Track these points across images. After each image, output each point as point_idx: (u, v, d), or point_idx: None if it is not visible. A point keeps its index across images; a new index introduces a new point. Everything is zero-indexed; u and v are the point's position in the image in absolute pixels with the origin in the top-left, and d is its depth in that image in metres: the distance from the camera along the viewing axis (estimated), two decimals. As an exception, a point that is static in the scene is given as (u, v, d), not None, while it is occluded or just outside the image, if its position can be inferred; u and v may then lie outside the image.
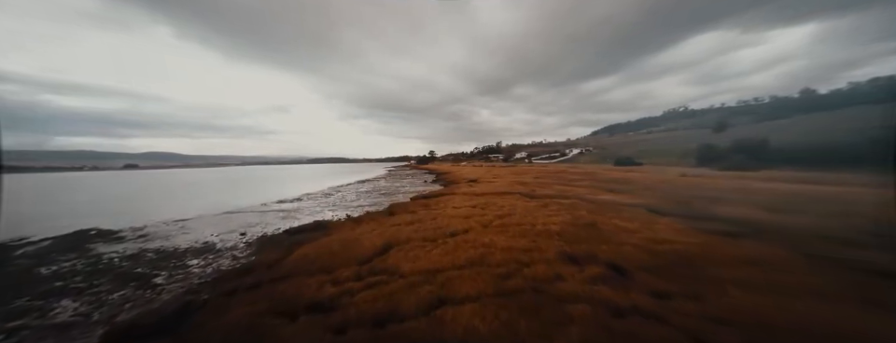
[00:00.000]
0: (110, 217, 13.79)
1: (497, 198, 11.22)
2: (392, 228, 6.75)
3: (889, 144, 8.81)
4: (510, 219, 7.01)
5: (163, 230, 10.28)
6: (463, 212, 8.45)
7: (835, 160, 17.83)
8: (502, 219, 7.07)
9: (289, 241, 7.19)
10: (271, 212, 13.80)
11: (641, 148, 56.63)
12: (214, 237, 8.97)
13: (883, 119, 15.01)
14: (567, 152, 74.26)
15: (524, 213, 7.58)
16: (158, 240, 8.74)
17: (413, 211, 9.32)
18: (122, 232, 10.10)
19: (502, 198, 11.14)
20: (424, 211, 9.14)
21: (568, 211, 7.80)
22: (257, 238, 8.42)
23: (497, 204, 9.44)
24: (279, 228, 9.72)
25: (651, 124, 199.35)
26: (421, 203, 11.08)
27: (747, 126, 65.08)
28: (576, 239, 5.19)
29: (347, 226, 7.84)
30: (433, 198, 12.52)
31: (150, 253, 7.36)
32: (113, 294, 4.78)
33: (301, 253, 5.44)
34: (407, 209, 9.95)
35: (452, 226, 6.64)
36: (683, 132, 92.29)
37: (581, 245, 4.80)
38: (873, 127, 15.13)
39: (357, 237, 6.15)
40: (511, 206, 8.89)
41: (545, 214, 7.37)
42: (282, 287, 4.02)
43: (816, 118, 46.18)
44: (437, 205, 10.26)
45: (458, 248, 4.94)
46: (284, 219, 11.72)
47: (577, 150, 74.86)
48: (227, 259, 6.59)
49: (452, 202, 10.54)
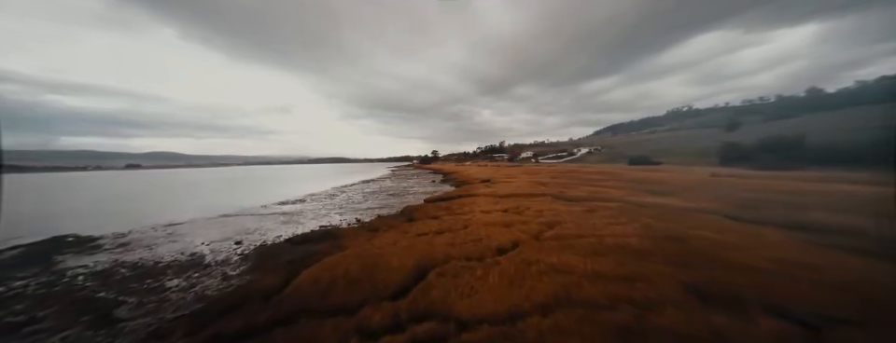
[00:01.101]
0: (99, 218, 12.61)
1: (525, 200, 9.90)
2: (419, 240, 5.44)
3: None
4: (563, 229, 5.69)
5: (149, 237, 9.02)
6: (497, 217, 7.14)
7: (868, 159, 16.37)
8: (553, 228, 5.75)
9: (292, 255, 5.89)
10: (271, 215, 12.52)
11: (653, 147, 55.06)
12: (204, 246, 7.69)
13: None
14: (575, 151, 72.66)
15: (576, 221, 6.25)
16: (139, 251, 7.47)
17: (436, 215, 8.01)
18: (102, 239, 8.86)
19: (532, 200, 9.82)
20: (449, 216, 7.83)
21: (628, 218, 6.46)
22: (254, 249, 7.13)
23: (533, 208, 8.11)
24: (280, 236, 8.43)
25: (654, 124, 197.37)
26: (441, 207, 9.76)
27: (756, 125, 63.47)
28: (678, 260, 3.85)
29: (362, 236, 6.52)
30: (452, 201, 11.20)
31: (125, 268, 6.08)
32: (53, 338, 3.50)
33: (310, 275, 4.14)
34: (427, 213, 8.63)
35: (493, 237, 5.33)
36: (689, 132, 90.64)
37: (696, 271, 3.47)
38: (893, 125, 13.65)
39: (378, 252, 4.84)
40: (551, 211, 7.56)
41: (603, 223, 6.04)
42: (284, 338, 2.72)
43: (827, 117, 44.58)
44: (460, 209, 8.95)
45: (521, 273, 3.63)
46: (285, 224, 10.44)
47: (585, 149, 73.24)
48: (215, 278, 5.30)
49: (477, 205, 9.22)
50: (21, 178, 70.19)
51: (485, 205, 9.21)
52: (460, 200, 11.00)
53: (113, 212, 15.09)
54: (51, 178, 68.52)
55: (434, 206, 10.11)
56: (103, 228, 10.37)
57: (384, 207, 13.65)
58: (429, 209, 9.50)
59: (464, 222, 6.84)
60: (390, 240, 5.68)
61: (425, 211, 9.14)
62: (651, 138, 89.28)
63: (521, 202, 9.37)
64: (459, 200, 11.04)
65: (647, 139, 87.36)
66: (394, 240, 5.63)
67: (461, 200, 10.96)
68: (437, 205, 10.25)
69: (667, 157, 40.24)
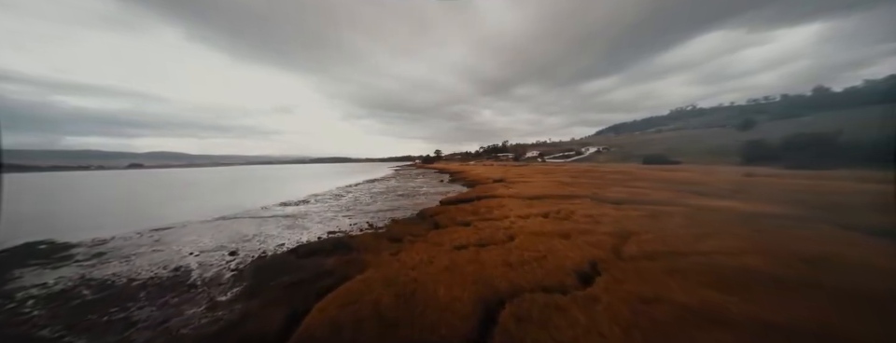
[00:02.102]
0: (86, 220, 11.49)
1: (562, 202, 8.66)
2: (461, 256, 4.22)
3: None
4: (641, 241, 4.45)
5: (131, 244, 7.84)
6: (542, 224, 5.91)
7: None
8: (628, 241, 4.51)
9: (298, 273, 4.68)
10: (272, 218, 11.34)
11: (665, 146, 53.57)
12: (192, 257, 6.50)
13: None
14: (583, 151, 71.16)
15: (649, 231, 5.01)
16: (113, 263, 6.29)
17: (466, 221, 6.77)
18: (78, 247, 7.70)
19: (570, 203, 8.57)
20: (481, 222, 6.59)
21: (709, 227, 5.21)
22: (251, 262, 5.93)
23: (579, 213, 6.87)
24: (283, 244, 7.23)
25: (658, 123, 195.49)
26: (465, 210, 8.53)
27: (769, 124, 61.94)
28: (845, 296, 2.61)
29: (383, 247, 5.30)
30: (475, 203, 9.97)
31: (89, 288, 4.90)
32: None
33: (325, 313, 2.92)
34: (453, 217, 7.40)
35: (557, 253, 4.12)
36: (696, 131, 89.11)
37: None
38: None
39: (412, 274, 3.63)
40: (605, 217, 6.31)
41: (687, 233, 4.79)
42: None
43: (840, 116, 43.04)
44: (490, 213, 7.71)
45: (648, 321, 2.40)
46: (288, 229, 9.25)
47: (593, 149, 71.72)
48: (198, 306, 4.10)
49: (508, 209, 7.98)
50: (21, 178, 69.64)
51: (518, 208, 7.97)
52: (484, 202, 9.76)
53: (102, 213, 13.99)
54: (52, 178, 67.91)
55: (457, 209, 8.87)
56: (85, 233, 9.27)
57: (396, 209, 12.45)
58: (453, 213, 8.27)
59: (505, 230, 5.61)
60: (422, 254, 4.45)
61: (449, 215, 7.90)
62: (657, 137, 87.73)
63: (560, 205, 8.13)
64: (483, 202, 9.80)
65: (654, 138, 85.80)
66: (427, 255, 4.41)
67: (485, 202, 9.73)
68: (460, 208, 9.01)
69: (682, 156, 38.84)
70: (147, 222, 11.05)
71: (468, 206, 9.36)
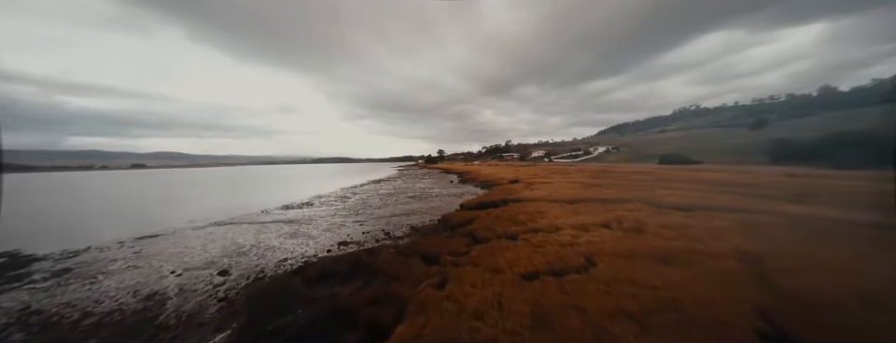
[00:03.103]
0: (66, 226, 10.29)
1: (614, 208, 7.32)
2: (541, 294, 2.92)
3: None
4: (796, 273, 3.12)
5: (105, 258, 6.60)
6: (613, 239, 4.60)
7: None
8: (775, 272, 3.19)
9: (308, 311, 3.40)
10: (272, 223, 10.09)
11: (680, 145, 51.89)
12: (173, 278, 5.24)
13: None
14: (592, 150, 69.52)
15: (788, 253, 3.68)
16: (74, 286, 5.04)
17: (510, 233, 5.45)
18: (42, 261, 6.48)
19: (623, 208, 7.23)
20: (529, 233, 5.28)
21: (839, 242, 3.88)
22: (244, 287, 4.65)
23: (650, 223, 5.55)
24: (285, 260, 5.95)
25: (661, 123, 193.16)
26: (500, 217, 7.20)
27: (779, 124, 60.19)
28: None
29: (418, 273, 3.97)
30: (503, 208, 8.65)
31: (27, 327, 3.64)
32: None
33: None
34: (491, 227, 6.07)
35: (687, 291, 2.80)
36: (704, 131, 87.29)
37: None
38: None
39: (485, 335, 2.34)
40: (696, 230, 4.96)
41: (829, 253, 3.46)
42: None
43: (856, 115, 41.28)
44: (531, 220, 6.38)
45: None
46: (291, 238, 7.97)
47: (602, 148, 70.04)
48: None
49: (552, 216, 6.64)
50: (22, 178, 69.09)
51: (564, 216, 6.65)
52: (516, 208, 8.43)
53: (88, 217, 12.82)
54: (50, 178, 67.25)
55: (489, 216, 7.53)
56: (60, 242, 8.07)
57: (411, 213, 11.14)
58: (487, 220, 6.94)
59: (570, 247, 4.31)
60: (480, 289, 3.15)
61: (484, 224, 6.57)
62: (665, 137, 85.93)
63: (612, 212, 6.81)
64: (515, 208, 8.47)
65: (662, 138, 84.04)
66: (489, 290, 3.11)
67: (517, 208, 8.39)
68: (492, 215, 7.67)
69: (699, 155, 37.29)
70: (133, 228, 9.84)
71: (498, 212, 8.04)
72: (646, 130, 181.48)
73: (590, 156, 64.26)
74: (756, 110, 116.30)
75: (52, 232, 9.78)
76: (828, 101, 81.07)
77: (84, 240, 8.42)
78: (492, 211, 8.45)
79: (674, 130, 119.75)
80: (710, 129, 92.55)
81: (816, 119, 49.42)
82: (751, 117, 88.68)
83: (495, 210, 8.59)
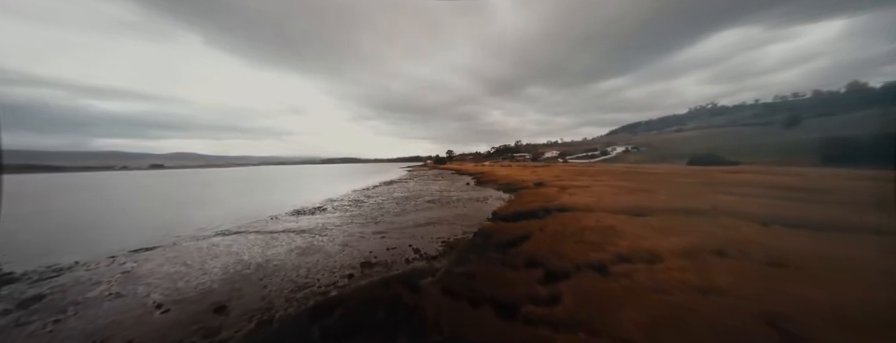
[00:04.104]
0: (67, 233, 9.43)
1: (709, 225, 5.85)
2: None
3: None
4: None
5: (87, 281, 5.55)
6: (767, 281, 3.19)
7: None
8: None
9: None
10: (282, 233, 8.98)
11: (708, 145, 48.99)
12: (157, 315, 4.10)
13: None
14: (609, 150, 66.84)
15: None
16: (34, 326, 3.94)
17: (589, 259, 4.09)
18: (17, 284, 5.47)
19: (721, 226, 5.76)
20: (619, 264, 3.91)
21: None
22: (244, 337, 3.45)
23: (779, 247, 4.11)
24: (299, 291, 4.75)
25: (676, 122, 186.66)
26: (559, 234, 5.82)
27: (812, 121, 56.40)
28: None
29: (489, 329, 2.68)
30: (551, 219, 7.25)
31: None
32: None
33: None
34: (558, 252, 4.71)
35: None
36: (723, 130, 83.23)
37: None
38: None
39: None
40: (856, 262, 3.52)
41: None
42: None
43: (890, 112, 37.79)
44: (609, 242, 4.98)
45: None
46: (304, 255, 6.79)
47: (620, 148, 67.25)
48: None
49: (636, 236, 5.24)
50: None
51: (647, 235, 5.23)
52: (566, 220, 7.02)
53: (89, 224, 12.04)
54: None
55: (542, 231, 6.15)
56: (49, 253, 7.20)
57: (436, 222, 9.85)
58: (545, 239, 5.56)
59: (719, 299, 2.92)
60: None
61: (545, 245, 5.19)
62: (681, 136, 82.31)
63: (707, 230, 5.36)
64: (564, 220, 7.06)
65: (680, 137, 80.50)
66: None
67: (568, 220, 6.98)
68: (545, 230, 6.29)
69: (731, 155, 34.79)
70: (132, 237, 8.91)
71: (552, 225, 6.64)
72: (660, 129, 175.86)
73: (608, 156, 61.59)
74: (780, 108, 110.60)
75: (50, 236, 8.97)
76: (858, 97, 76.15)
77: (76, 250, 7.51)
78: (539, 223, 7.06)
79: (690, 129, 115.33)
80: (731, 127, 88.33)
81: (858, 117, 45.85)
82: (774, 115, 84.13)
83: (540, 221, 7.20)
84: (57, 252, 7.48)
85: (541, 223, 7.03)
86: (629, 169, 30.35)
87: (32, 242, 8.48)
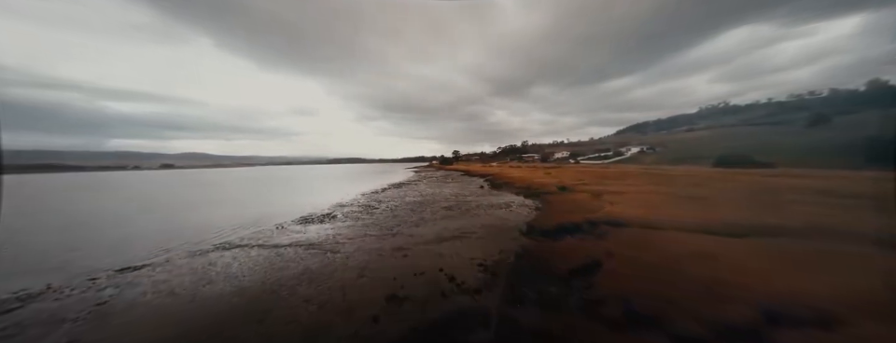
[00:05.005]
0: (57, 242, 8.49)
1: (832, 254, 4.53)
2: None
3: None
4: None
5: (51, 317, 4.48)
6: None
7: None
8: None
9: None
10: (290, 247, 7.88)
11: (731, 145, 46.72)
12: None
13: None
14: (623, 151, 64.71)
15: None
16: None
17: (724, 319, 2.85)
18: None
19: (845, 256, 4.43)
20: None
21: None
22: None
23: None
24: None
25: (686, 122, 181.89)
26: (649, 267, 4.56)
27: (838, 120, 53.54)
28: None
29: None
30: (614, 240, 5.97)
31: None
32: None
33: None
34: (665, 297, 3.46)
35: None
36: (737, 129, 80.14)
37: None
38: None
39: None
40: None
41: None
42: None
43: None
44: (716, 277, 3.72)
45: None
46: (315, 283, 5.63)
47: (635, 148, 65.04)
48: None
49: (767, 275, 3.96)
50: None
51: (789, 272, 3.94)
52: (635, 239, 5.75)
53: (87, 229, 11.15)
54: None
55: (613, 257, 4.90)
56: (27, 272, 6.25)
57: (460, 236, 8.61)
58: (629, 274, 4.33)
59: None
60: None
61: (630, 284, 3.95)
62: (694, 136, 79.51)
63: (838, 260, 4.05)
64: (635, 239, 5.79)
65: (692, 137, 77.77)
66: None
67: (642, 240, 5.71)
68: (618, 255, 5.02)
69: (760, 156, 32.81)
70: (123, 249, 7.94)
71: (618, 247, 5.38)
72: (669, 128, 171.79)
73: (623, 157, 59.49)
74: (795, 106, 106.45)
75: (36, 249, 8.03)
76: (880, 95, 72.53)
77: (58, 267, 6.58)
78: (599, 243, 5.80)
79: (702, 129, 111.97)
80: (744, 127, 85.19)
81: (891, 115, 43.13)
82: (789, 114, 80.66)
83: (599, 241, 5.93)
84: (36, 269, 6.52)
85: (602, 244, 5.77)
86: (650, 170, 28.70)
87: (13, 257, 7.54)
